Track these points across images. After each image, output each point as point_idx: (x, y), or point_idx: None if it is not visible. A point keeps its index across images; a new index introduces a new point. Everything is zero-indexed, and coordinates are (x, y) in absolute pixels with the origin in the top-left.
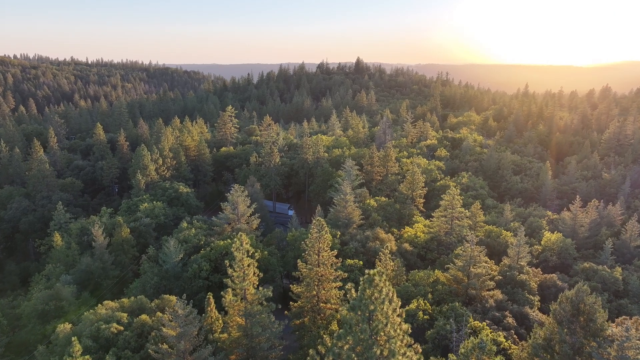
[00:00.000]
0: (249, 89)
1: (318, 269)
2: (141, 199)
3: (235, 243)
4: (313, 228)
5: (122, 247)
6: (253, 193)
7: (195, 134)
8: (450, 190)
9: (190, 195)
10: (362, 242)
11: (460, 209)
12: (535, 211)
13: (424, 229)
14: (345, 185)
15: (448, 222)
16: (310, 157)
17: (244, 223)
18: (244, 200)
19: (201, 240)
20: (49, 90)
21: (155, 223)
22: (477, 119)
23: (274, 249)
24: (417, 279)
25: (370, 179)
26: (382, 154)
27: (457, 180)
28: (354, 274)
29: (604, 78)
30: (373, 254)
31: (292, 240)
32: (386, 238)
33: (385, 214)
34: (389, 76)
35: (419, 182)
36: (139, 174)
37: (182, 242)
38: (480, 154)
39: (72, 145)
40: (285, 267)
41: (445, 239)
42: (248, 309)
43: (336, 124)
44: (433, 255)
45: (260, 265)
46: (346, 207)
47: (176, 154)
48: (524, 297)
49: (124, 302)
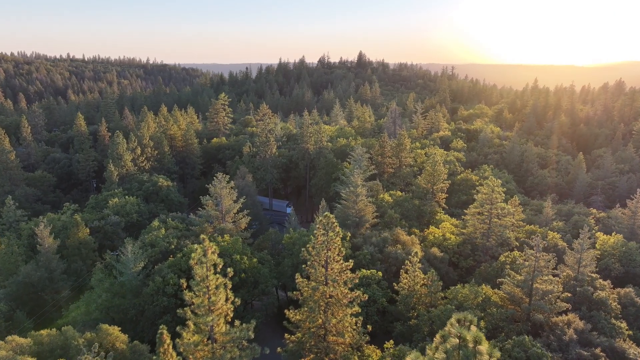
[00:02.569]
0: (247, 83)
1: (326, 289)
2: (112, 193)
3: (195, 253)
4: (319, 228)
5: (79, 252)
6: (244, 186)
7: (182, 123)
8: (490, 181)
9: (172, 189)
10: (378, 245)
11: (502, 204)
12: (574, 208)
13: (453, 229)
14: (355, 175)
15: (485, 220)
16: (311, 147)
17: (229, 222)
18: (229, 193)
19: (172, 243)
20: (41, 85)
21: (126, 222)
22: (489, 112)
23: (266, 255)
24: (459, 298)
25: (381, 172)
26: (394, 143)
27: (479, 173)
28: (370, 290)
29: (605, 78)
30: (393, 261)
31: (289, 243)
32: (408, 241)
33: (403, 211)
34: (393, 71)
35: (441, 174)
36: (110, 165)
37: (147, 246)
38: (500, 146)
39: (51, 138)
40: (281, 277)
41: (480, 242)
42: (218, 357)
43: (339, 114)
44: (468, 262)
45: (248, 276)
46: (357, 202)
47: (159, 143)
48: (609, 323)
49: (42, 336)
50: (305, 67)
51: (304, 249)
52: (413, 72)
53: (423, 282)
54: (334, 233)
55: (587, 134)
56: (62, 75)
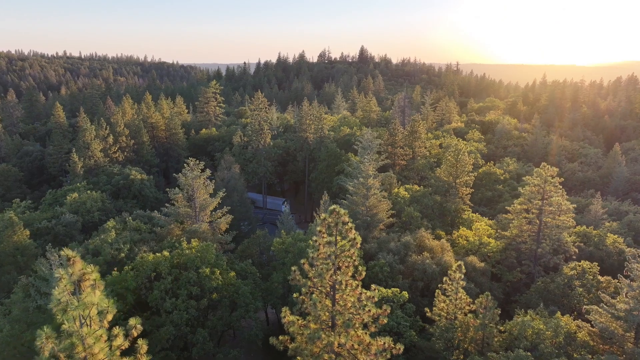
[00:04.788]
0: (245, 78)
1: (333, 338)
2: (71, 187)
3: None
4: (321, 232)
5: (15, 260)
6: (230, 179)
7: (166, 110)
8: (542, 170)
9: (146, 184)
10: (398, 253)
11: (558, 198)
12: (621, 206)
13: (490, 231)
14: (366, 163)
15: (535, 220)
16: (311, 136)
17: (205, 222)
18: (205, 185)
19: (122, 250)
20: (33, 81)
21: (84, 221)
22: (501, 105)
23: (250, 266)
24: (528, 334)
25: (392, 164)
26: (407, 131)
27: (502, 166)
28: (394, 318)
29: (607, 77)
30: (420, 274)
31: (280, 250)
32: (437, 247)
33: (422, 209)
34: (396, 66)
35: (466, 165)
36: (74, 155)
37: (91, 254)
38: (520, 138)
39: (28, 131)
40: (269, 297)
41: (527, 248)
42: None
43: (342, 105)
44: (514, 275)
45: (223, 296)
46: (368, 196)
47: (137, 132)
48: None
49: None
50: (305, 62)
51: (294, 268)
52: (417, 68)
53: (470, 309)
54: (346, 240)
55: (611, 126)
56: (56, 72)
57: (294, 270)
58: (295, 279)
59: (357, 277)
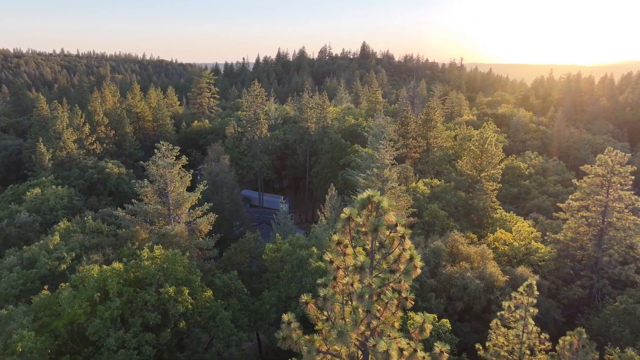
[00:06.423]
0: (243, 74)
1: None
2: (35, 182)
3: None
4: (341, 244)
5: None
6: (218, 172)
7: (154, 100)
8: (607, 156)
9: (124, 178)
10: (427, 263)
11: (626, 192)
12: None
13: (535, 234)
14: (382, 151)
15: (596, 220)
16: (312, 126)
17: (181, 222)
18: (180, 176)
19: (65, 261)
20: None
21: (46, 221)
22: (511, 99)
23: (235, 279)
24: None
25: (404, 156)
26: (421, 119)
27: (525, 160)
28: None
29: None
30: (459, 292)
31: (274, 259)
32: (476, 254)
33: (444, 207)
34: (398, 62)
35: (493, 157)
36: (41, 145)
37: (25, 264)
38: (537, 132)
39: (8, 124)
40: (259, 323)
41: (585, 255)
42: None
43: (345, 97)
44: (575, 291)
45: (195, 323)
46: (384, 191)
47: (118, 122)
48: None
49: None
50: (305, 58)
51: (287, 313)
52: (420, 64)
53: (545, 348)
54: (393, 260)
55: (633, 119)
56: (52, 69)
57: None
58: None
59: (416, 340)
